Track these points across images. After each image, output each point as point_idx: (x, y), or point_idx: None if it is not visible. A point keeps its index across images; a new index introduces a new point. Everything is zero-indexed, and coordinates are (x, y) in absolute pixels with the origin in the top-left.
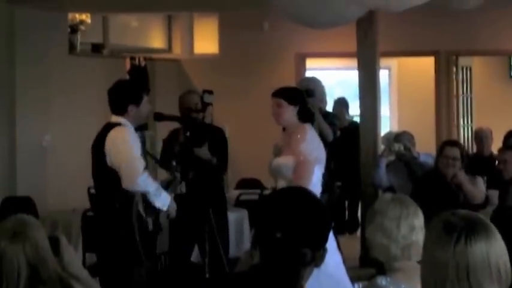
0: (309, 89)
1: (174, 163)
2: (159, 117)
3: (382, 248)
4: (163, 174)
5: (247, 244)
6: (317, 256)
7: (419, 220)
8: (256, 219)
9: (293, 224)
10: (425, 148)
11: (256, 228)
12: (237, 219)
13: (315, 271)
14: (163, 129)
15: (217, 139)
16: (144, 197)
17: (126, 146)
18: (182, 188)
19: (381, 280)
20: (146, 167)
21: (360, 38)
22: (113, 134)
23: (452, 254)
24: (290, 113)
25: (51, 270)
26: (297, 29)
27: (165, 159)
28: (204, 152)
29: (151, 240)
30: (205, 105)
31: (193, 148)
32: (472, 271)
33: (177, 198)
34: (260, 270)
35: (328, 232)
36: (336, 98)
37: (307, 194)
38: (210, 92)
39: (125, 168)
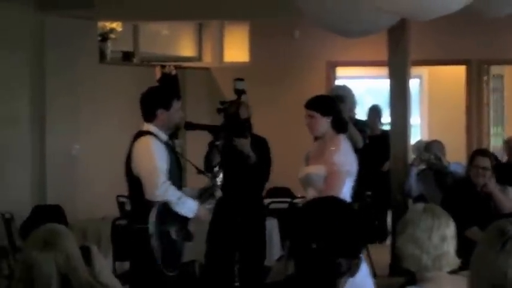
0: (340, 95)
1: (213, 169)
2: (190, 126)
3: (413, 259)
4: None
5: (276, 253)
6: (352, 266)
7: (450, 230)
8: (291, 230)
9: (328, 235)
10: (456, 157)
11: (291, 238)
12: (267, 228)
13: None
14: (193, 138)
15: (260, 148)
16: (168, 206)
17: (148, 156)
18: (218, 193)
19: None
20: (175, 179)
21: (391, 46)
22: (138, 143)
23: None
24: (324, 124)
25: (82, 280)
26: (328, 37)
27: (206, 166)
28: (243, 143)
29: (177, 249)
30: (239, 93)
31: (232, 139)
32: None
33: (216, 205)
34: (295, 281)
35: (363, 241)
36: (370, 105)
37: (341, 203)
38: (241, 79)
39: (144, 179)
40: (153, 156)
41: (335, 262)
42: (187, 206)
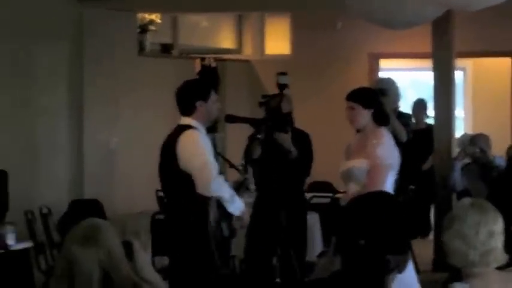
0: (383, 88)
1: (243, 163)
2: (231, 119)
3: (460, 255)
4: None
5: (318, 249)
6: (401, 262)
7: (498, 226)
8: (338, 226)
9: (377, 231)
10: (501, 151)
11: (338, 235)
12: (309, 223)
13: None
14: (234, 131)
15: (302, 143)
16: (219, 202)
17: (198, 150)
18: (252, 186)
19: (459, 287)
20: (219, 171)
21: (435, 38)
22: (184, 137)
23: None
24: (365, 116)
25: (123, 275)
26: (371, 28)
27: (246, 159)
28: (284, 137)
29: (226, 245)
30: (281, 87)
31: (273, 133)
32: None
33: (256, 200)
34: (342, 278)
35: (411, 237)
36: (415, 99)
37: (389, 199)
38: (285, 74)
39: (198, 173)
40: (203, 150)
41: (383, 259)
42: (237, 204)
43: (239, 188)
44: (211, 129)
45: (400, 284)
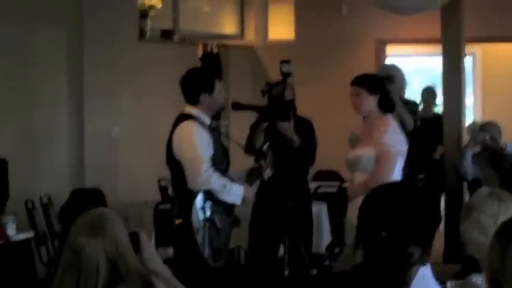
0: (389, 75)
1: (258, 148)
2: (237, 106)
3: (478, 246)
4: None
5: (326, 239)
6: (424, 254)
7: None
8: (359, 218)
9: (399, 222)
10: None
11: (360, 227)
12: (316, 213)
13: None
14: (238, 118)
15: (305, 131)
16: (211, 194)
17: (190, 143)
18: (267, 173)
19: (477, 278)
20: (220, 162)
21: (444, 23)
22: (179, 128)
23: None
24: (370, 102)
25: (131, 266)
26: (378, 13)
27: (250, 145)
28: (287, 127)
29: (223, 238)
30: (285, 76)
31: (276, 122)
32: None
33: (258, 190)
34: (364, 270)
35: (435, 229)
36: (424, 86)
37: (411, 189)
38: (288, 62)
39: (186, 166)
40: (195, 143)
41: (406, 251)
42: (234, 193)
43: (252, 174)
44: (215, 117)
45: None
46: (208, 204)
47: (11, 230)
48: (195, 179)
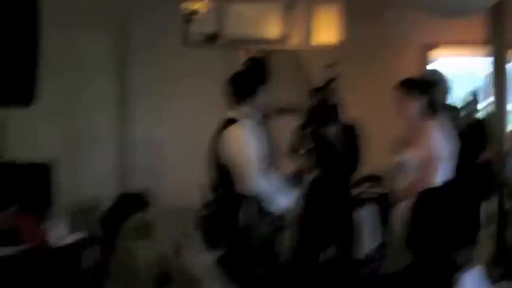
0: (433, 79)
1: (302, 152)
2: (280, 110)
3: None
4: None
5: (369, 244)
6: (470, 257)
7: None
8: (406, 222)
9: (445, 226)
10: None
11: (408, 230)
12: (359, 218)
13: None
14: (282, 123)
15: (349, 135)
16: (258, 199)
17: (239, 146)
18: (309, 177)
19: None
20: (270, 164)
21: (489, 27)
22: (228, 133)
23: None
24: (414, 106)
25: (178, 269)
26: (422, 17)
27: (294, 149)
28: (331, 130)
29: (269, 242)
30: (329, 80)
31: (320, 126)
32: None
33: (302, 195)
34: (411, 273)
35: (477, 233)
36: (468, 91)
37: (456, 195)
38: (333, 66)
39: (238, 171)
40: (246, 146)
41: (453, 253)
42: (279, 201)
43: (295, 177)
44: (259, 121)
45: (469, 278)
46: (256, 208)
47: (56, 234)
48: (246, 183)
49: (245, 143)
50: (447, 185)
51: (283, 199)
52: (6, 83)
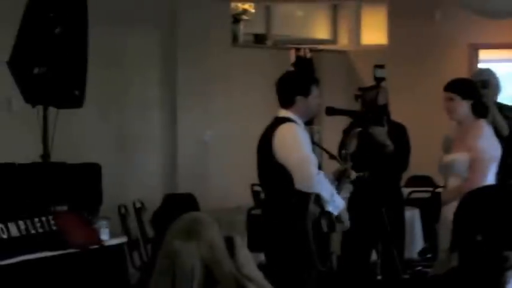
0: (483, 80)
1: (344, 152)
2: (331, 111)
3: None
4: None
5: (419, 245)
6: None
7: None
8: (454, 222)
9: (494, 226)
10: None
11: (455, 231)
12: (408, 219)
13: None
14: (331, 123)
15: (398, 136)
16: (318, 197)
17: (296, 144)
18: (353, 175)
19: None
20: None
21: None
22: (282, 131)
23: None
24: (463, 107)
25: (225, 271)
26: (471, 18)
27: (343, 149)
28: (380, 131)
29: (325, 242)
30: (378, 80)
31: (369, 127)
32: None
33: (351, 194)
34: (459, 274)
35: None
36: None
37: (505, 194)
38: (382, 67)
39: (297, 169)
40: (300, 144)
41: (502, 255)
42: (336, 204)
43: (340, 177)
44: (308, 122)
45: None
46: (318, 208)
47: (105, 235)
48: (309, 181)
49: (302, 141)
50: (497, 185)
51: (338, 205)
52: (57, 85)
